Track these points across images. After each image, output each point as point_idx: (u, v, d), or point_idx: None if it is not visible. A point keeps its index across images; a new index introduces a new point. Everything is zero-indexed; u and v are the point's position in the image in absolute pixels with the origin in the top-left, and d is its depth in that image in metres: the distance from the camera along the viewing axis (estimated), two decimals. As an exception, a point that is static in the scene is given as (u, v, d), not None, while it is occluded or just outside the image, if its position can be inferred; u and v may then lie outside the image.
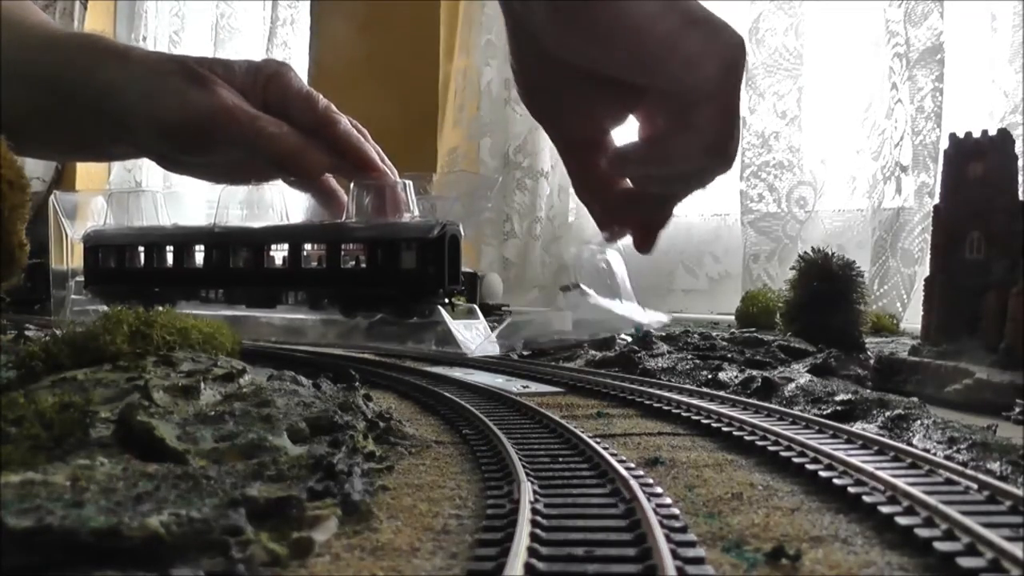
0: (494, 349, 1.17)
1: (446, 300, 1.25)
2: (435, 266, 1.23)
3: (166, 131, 0.98)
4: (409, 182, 1.33)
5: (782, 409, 0.69)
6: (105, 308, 1.14)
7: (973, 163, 0.94)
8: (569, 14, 0.64)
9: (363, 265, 1.31)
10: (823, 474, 0.49)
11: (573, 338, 1.22)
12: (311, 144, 1.01)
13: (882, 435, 0.59)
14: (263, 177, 1.19)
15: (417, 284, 1.24)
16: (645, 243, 0.75)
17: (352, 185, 1.36)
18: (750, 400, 0.75)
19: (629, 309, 1.08)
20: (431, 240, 1.23)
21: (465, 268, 1.51)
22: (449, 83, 2.62)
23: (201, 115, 0.96)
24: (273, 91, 1.04)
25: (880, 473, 0.46)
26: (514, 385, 0.87)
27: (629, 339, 1.19)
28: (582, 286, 1.17)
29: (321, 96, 1.08)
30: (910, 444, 0.56)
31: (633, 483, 0.44)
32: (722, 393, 0.79)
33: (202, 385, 0.59)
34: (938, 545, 0.37)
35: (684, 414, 0.71)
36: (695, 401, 0.74)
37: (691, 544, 0.36)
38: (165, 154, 1.09)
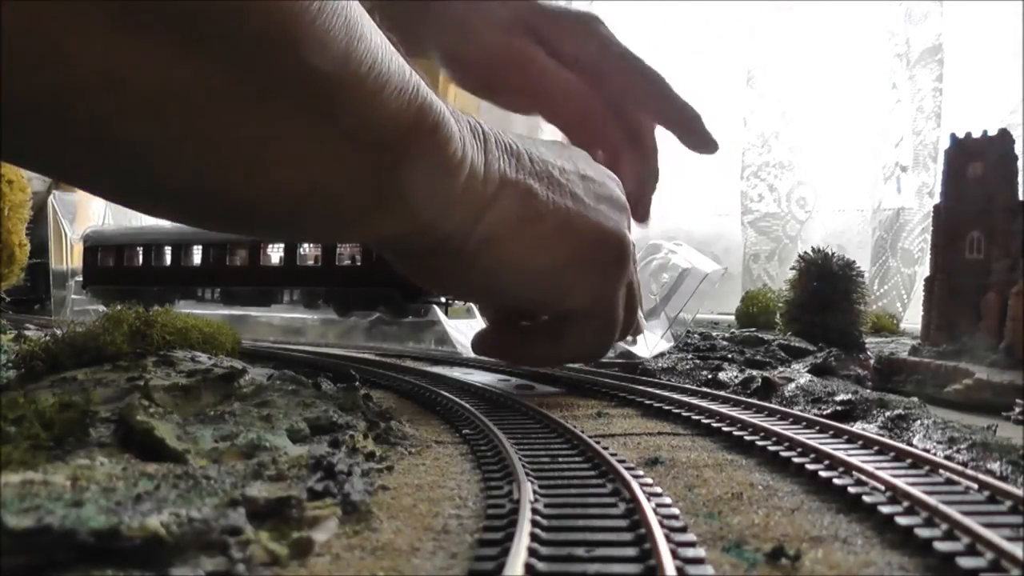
0: None
1: (442, 299, 1.25)
2: None
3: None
4: None
5: (782, 409, 0.69)
6: (104, 308, 1.14)
7: (973, 163, 0.94)
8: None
9: (358, 263, 1.31)
10: (823, 474, 0.49)
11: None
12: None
13: (882, 435, 0.59)
14: None
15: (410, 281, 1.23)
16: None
17: None
18: (750, 400, 0.75)
19: (631, 343, 1.07)
20: None
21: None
22: (449, 84, 2.61)
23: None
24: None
25: (880, 473, 0.46)
26: (514, 385, 0.87)
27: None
28: None
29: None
30: (910, 444, 0.56)
31: (633, 483, 0.44)
32: (722, 393, 0.79)
33: (202, 385, 0.59)
34: (938, 545, 0.37)
35: (684, 414, 0.71)
36: (695, 401, 0.74)
37: (691, 544, 0.37)
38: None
